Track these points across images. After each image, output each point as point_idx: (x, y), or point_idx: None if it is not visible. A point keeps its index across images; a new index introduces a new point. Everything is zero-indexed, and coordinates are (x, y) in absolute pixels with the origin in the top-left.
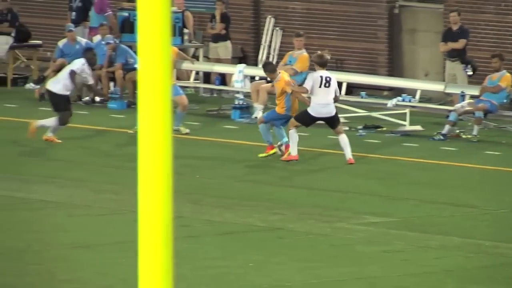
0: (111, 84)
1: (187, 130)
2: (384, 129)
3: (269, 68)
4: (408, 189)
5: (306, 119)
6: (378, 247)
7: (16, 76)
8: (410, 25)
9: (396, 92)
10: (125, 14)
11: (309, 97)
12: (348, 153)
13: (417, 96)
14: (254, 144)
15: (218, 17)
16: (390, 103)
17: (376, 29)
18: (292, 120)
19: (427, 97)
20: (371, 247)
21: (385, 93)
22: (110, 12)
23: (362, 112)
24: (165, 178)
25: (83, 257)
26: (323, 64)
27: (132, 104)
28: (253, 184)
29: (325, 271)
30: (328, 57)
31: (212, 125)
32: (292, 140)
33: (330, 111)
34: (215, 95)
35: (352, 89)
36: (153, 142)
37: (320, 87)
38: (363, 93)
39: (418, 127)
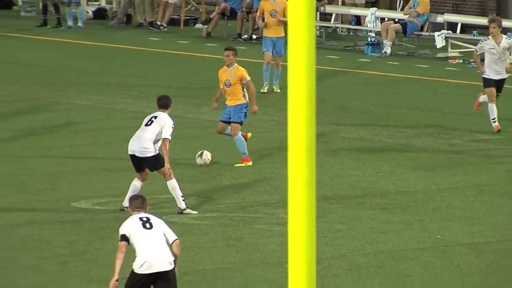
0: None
1: None
2: None
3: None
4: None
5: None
6: (487, 159)
7: (187, 17)
8: None
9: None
10: None
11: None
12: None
13: None
14: (383, 74)
15: None
16: None
17: None
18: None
19: None
20: (480, 159)
21: None
22: None
23: (473, 48)
24: (309, 103)
25: None
26: None
27: None
28: (383, 108)
29: (442, 179)
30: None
31: (348, 58)
32: None
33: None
34: (351, 33)
35: (466, 28)
36: (301, 69)
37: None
38: (475, 31)
39: None
